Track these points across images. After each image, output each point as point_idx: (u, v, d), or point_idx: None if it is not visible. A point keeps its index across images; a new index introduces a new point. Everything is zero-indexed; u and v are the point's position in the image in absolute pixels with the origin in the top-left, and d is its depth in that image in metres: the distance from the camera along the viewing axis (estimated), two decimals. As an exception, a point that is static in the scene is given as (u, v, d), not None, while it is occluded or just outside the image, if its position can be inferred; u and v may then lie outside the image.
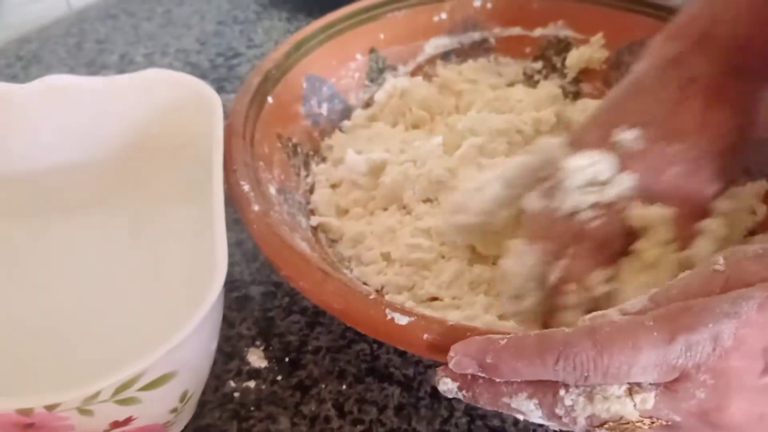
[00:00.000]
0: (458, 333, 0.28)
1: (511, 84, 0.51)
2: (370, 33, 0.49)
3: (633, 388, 0.24)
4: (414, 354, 0.37)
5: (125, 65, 0.60)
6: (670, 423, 0.25)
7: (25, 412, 0.26)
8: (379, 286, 0.38)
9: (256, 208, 0.34)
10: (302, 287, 0.32)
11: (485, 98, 0.48)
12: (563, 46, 0.51)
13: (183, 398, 0.31)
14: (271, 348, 0.38)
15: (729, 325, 0.23)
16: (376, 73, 0.50)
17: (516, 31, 0.52)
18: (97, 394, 0.26)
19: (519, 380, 0.26)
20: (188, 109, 0.39)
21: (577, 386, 0.25)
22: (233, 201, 0.35)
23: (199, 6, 0.69)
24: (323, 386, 0.36)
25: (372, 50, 0.49)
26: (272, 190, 0.39)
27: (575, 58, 0.50)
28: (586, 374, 0.24)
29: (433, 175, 0.41)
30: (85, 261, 0.39)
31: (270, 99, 0.42)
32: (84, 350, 0.34)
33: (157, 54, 0.62)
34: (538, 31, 0.52)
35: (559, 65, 0.52)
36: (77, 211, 0.41)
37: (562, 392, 0.25)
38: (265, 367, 0.37)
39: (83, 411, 0.27)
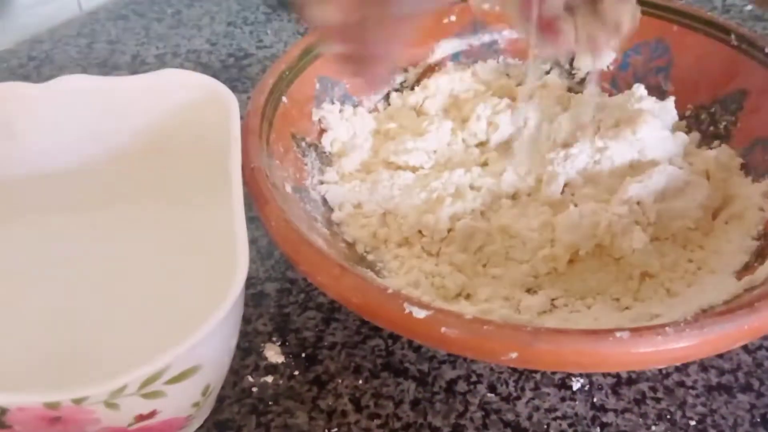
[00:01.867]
0: (476, 326, 0.29)
1: (519, 84, 0.51)
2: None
3: None
4: (429, 349, 0.38)
5: (137, 66, 0.61)
6: None
7: (53, 405, 0.27)
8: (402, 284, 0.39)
9: (273, 205, 0.35)
10: (320, 282, 0.33)
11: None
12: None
13: (205, 392, 0.31)
14: (287, 343, 0.38)
15: None
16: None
17: (525, 32, 0.52)
18: (124, 387, 0.27)
19: None
20: (204, 109, 0.40)
21: None
22: (250, 199, 0.35)
23: (209, 7, 0.69)
24: (340, 381, 0.36)
25: (383, 51, 0.50)
26: (288, 188, 0.39)
27: (583, 59, 0.51)
28: None
29: None
30: (105, 259, 0.40)
31: (284, 99, 0.43)
32: (107, 347, 0.35)
33: (169, 55, 0.62)
34: (546, 33, 0.52)
35: (567, 66, 0.52)
36: (95, 210, 0.41)
37: None
38: (282, 363, 0.37)
39: (109, 404, 0.27)
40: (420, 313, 0.29)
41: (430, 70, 0.52)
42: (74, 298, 0.38)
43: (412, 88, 0.51)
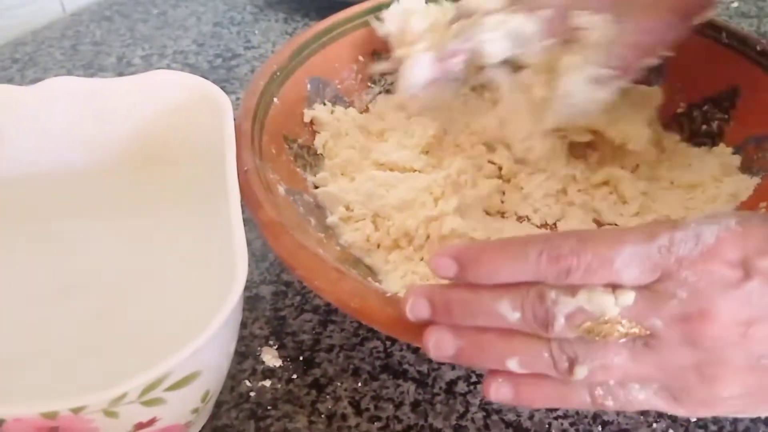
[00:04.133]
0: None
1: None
2: (371, 35, 0.49)
3: (615, 287, 0.25)
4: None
5: (123, 67, 0.60)
6: (649, 333, 0.25)
7: (50, 415, 0.26)
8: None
9: (267, 208, 0.35)
10: (317, 287, 0.32)
11: None
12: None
13: (204, 398, 0.31)
14: (284, 347, 0.38)
15: (711, 227, 0.25)
16: (379, 75, 0.50)
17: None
18: (124, 395, 0.26)
19: (498, 282, 0.26)
20: (195, 111, 0.39)
21: (558, 285, 0.25)
22: (244, 202, 0.35)
23: (195, 8, 0.69)
24: (338, 384, 0.36)
25: (374, 52, 0.50)
26: (281, 190, 0.39)
27: None
28: (567, 267, 0.25)
29: None
30: (97, 264, 0.39)
31: (276, 100, 0.43)
32: (105, 354, 0.34)
33: (155, 56, 0.62)
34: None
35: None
36: (83, 214, 0.41)
37: (545, 289, 0.25)
38: (280, 366, 0.37)
39: (109, 413, 0.27)
40: (421, 317, 0.29)
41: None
42: (68, 304, 0.37)
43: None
